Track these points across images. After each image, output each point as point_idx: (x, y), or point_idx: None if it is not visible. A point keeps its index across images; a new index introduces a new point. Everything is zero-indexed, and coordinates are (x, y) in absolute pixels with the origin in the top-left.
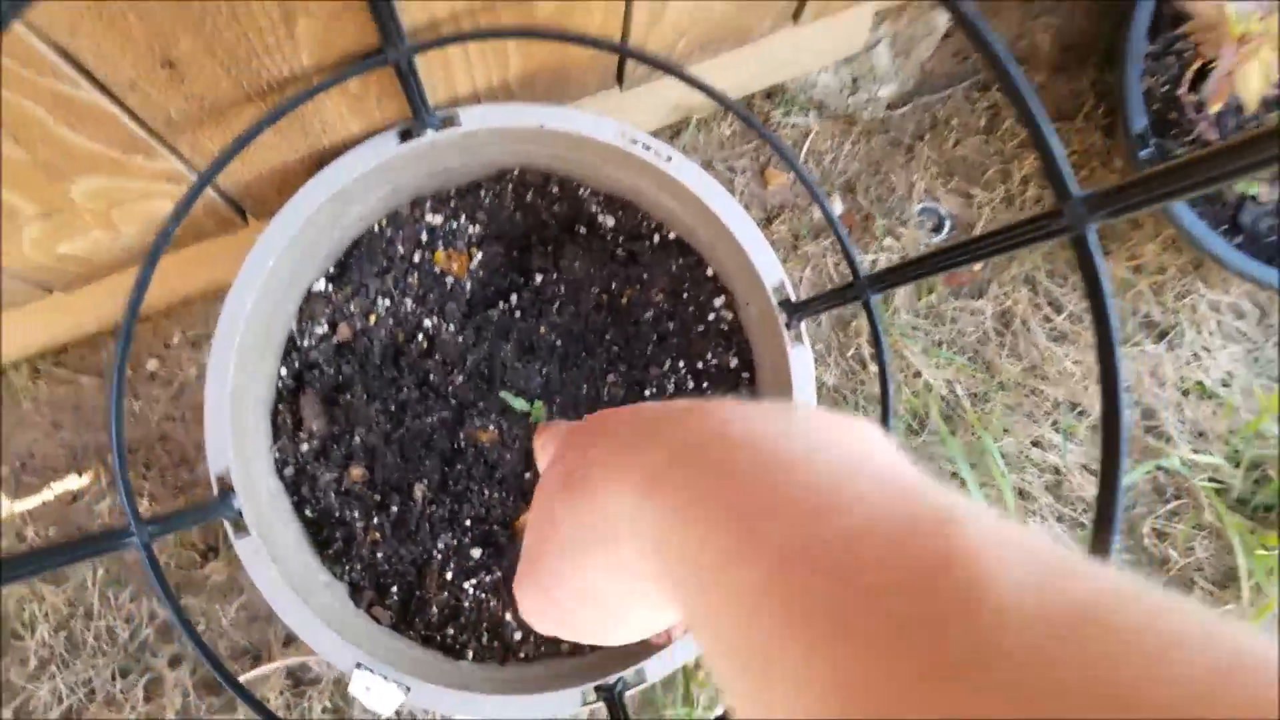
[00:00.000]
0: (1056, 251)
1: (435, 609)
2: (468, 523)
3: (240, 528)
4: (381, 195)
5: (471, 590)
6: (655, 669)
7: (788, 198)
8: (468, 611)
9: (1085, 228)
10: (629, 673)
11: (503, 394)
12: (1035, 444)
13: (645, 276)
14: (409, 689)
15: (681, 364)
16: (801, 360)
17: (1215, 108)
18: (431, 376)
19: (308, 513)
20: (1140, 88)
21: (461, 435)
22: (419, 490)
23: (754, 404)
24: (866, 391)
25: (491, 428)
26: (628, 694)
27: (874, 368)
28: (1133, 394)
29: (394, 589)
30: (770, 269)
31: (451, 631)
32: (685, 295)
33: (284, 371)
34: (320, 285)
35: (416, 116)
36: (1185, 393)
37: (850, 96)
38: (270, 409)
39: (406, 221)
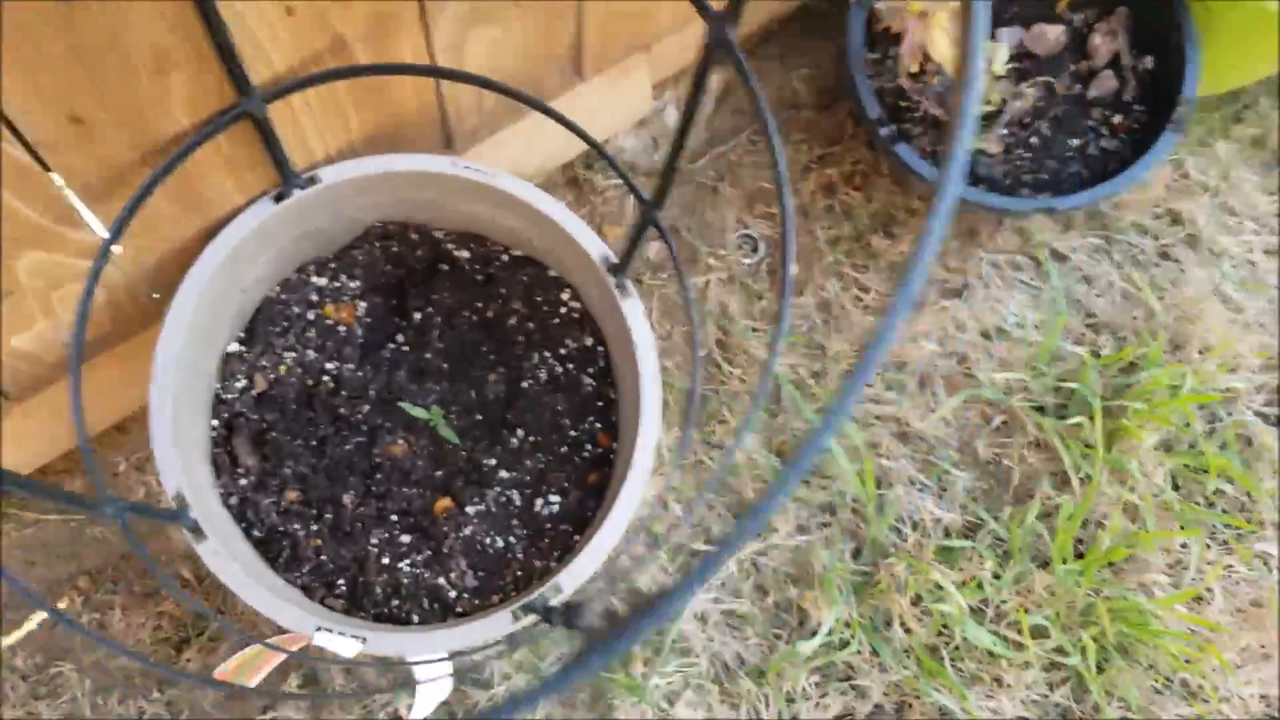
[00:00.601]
0: (855, 248)
1: (379, 590)
2: (394, 518)
3: (199, 533)
4: (270, 257)
5: (408, 568)
6: (569, 582)
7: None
8: (407, 586)
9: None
10: (547, 588)
11: (403, 404)
12: (873, 400)
13: (503, 291)
14: (365, 639)
15: (547, 354)
16: (634, 310)
17: (913, 68)
18: (341, 410)
19: (256, 533)
20: (870, 86)
21: (376, 452)
22: (348, 499)
23: None
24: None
25: (401, 441)
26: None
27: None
28: (944, 346)
29: (340, 582)
30: (593, 244)
31: (396, 602)
32: (538, 299)
33: (215, 423)
34: (234, 346)
35: (285, 179)
36: (986, 335)
37: (655, 155)
38: (208, 454)
39: (297, 286)
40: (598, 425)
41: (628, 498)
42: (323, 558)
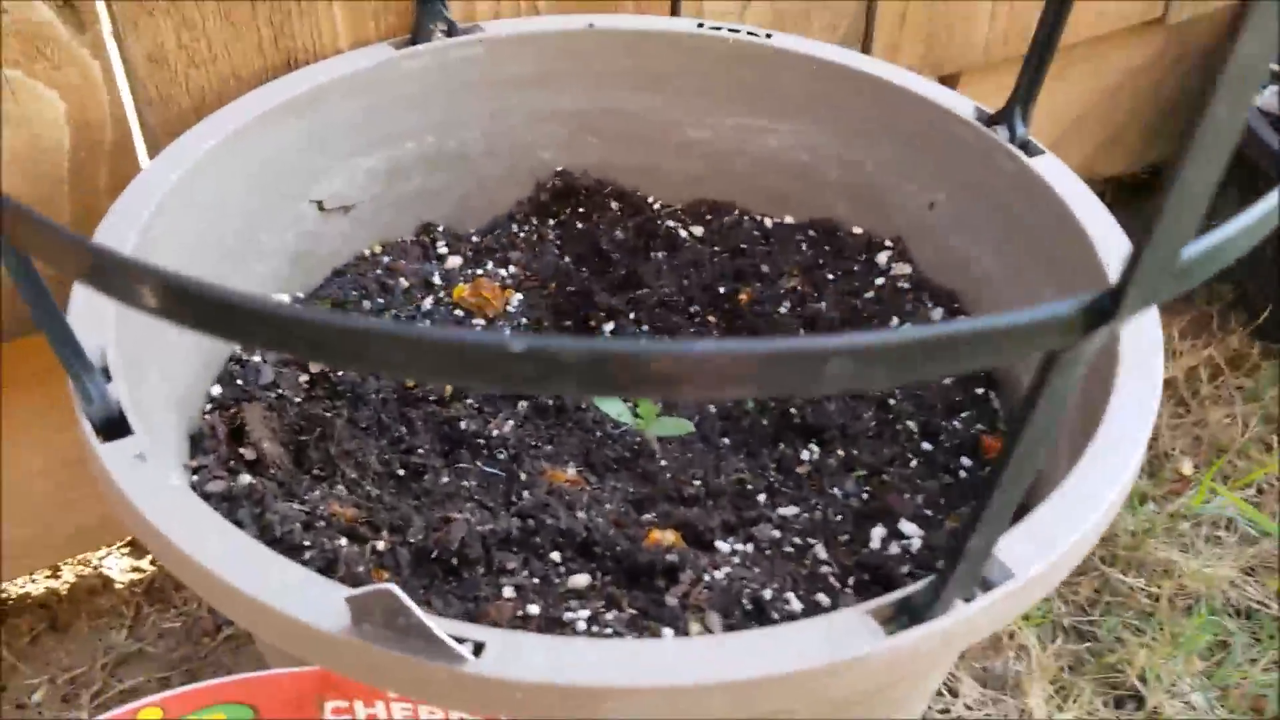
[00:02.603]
0: None
1: None
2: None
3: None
4: (369, 168)
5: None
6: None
7: None
8: None
9: None
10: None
11: (599, 402)
12: None
13: (764, 269)
14: None
15: None
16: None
17: None
18: (465, 424)
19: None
20: None
21: (522, 485)
22: (462, 533)
23: None
24: None
25: (571, 468)
26: None
27: None
28: None
29: None
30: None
31: None
32: (826, 267)
33: (219, 390)
34: (281, 299)
35: (422, 19)
36: None
37: None
38: (190, 417)
39: (408, 251)
40: (979, 427)
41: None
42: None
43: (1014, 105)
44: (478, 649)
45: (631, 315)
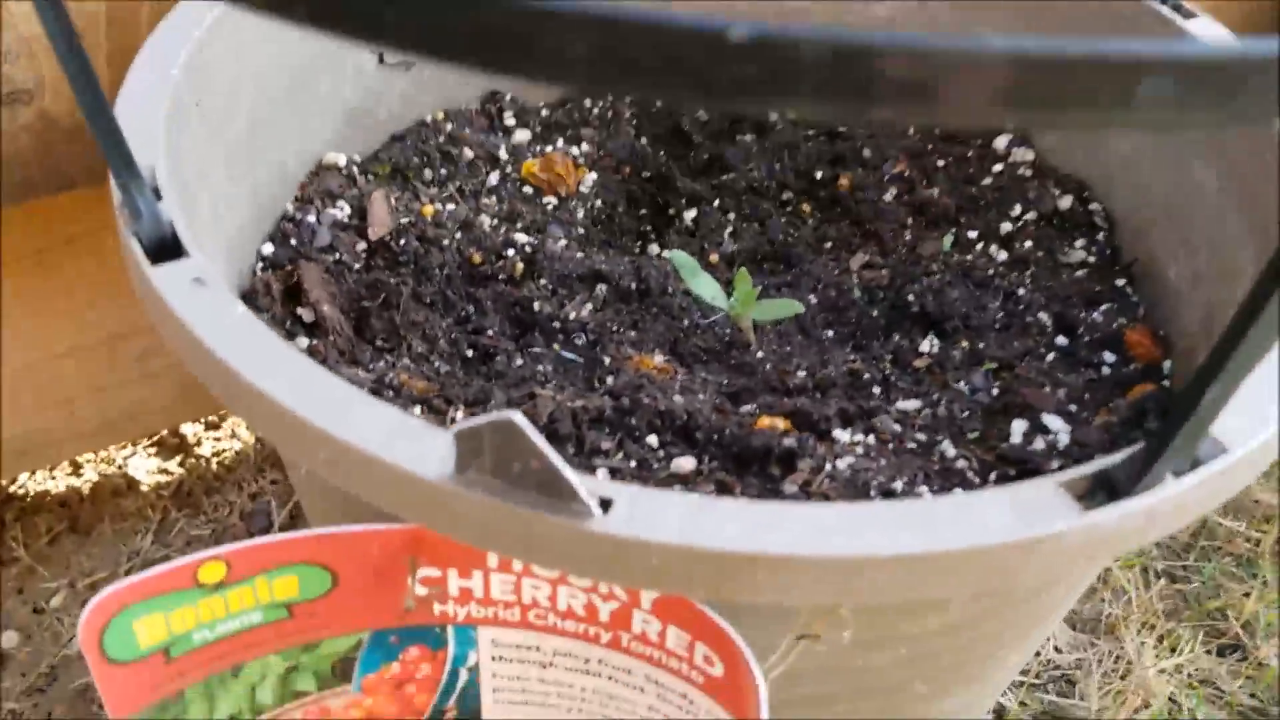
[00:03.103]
0: None
1: None
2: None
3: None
4: None
5: None
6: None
7: None
8: None
9: None
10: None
11: (692, 282)
12: None
13: (866, 152)
14: None
15: (972, 234)
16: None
17: None
18: (539, 307)
19: None
20: None
21: (605, 371)
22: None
23: None
24: None
25: (658, 356)
26: None
27: None
28: None
29: None
30: None
31: None
32: (936, 153)
33: (271, 248)
34: (335, 156)
35: None
36: None
37: None
38: (243, 272)
39: (472, 120)
40: (1121, 321)
41: None
42: None
43: None
44: (604, 505)
45: (716, 202)
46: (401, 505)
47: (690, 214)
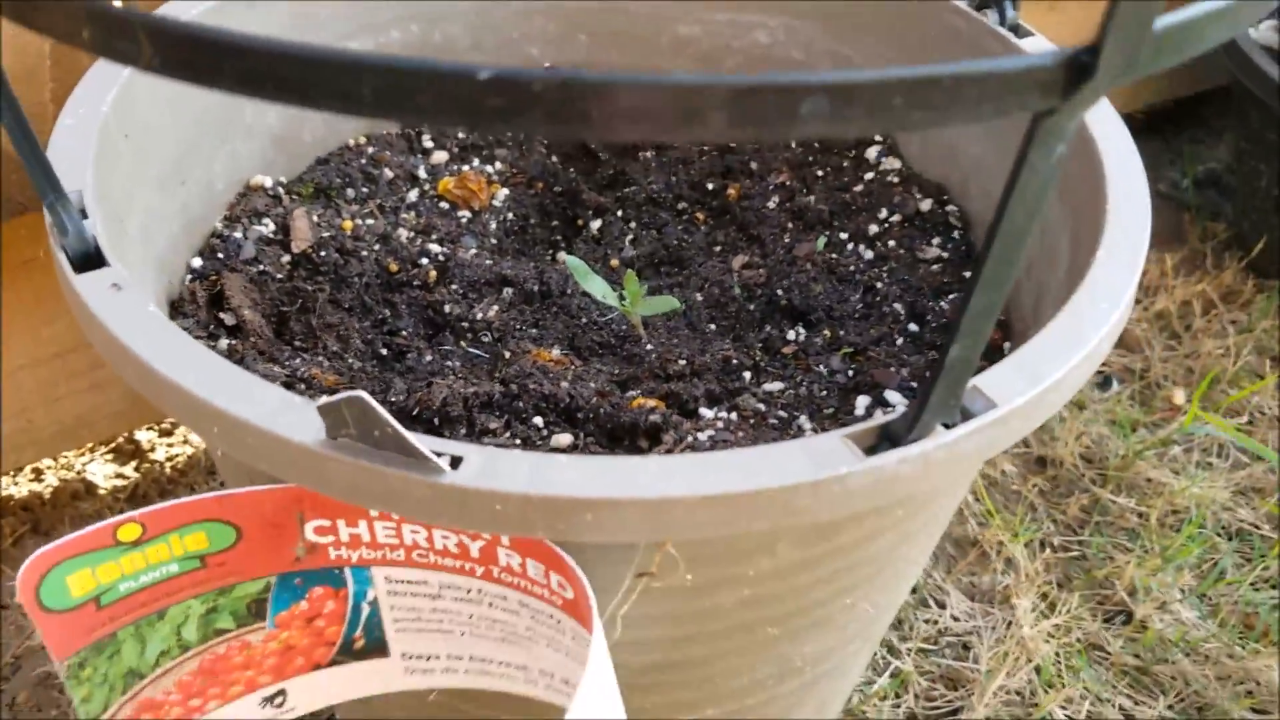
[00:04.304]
0: None
1: None
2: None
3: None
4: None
5: None
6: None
7: None
8: None
9: None
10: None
11: (584, 283)
12: None
13: (754, 165)
14: None
15: (844, 235)
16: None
17: None
18: (449, 309)
19: None
20: None
21: (506, 364)
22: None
23: None
24: None
25: (556, 349)
26: None
27: None
28: None
29: None
30: None
31: None
32: (815, 164)
33: (199, 261)
34: (263, 178)
35: None
36: None
37: None
38: (171, 284)
39: (392, 143)
40: None
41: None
42: None
43: None
44: (454, 462)
45: (619, 212)
46: (284, 469)
47: (596, 224)
